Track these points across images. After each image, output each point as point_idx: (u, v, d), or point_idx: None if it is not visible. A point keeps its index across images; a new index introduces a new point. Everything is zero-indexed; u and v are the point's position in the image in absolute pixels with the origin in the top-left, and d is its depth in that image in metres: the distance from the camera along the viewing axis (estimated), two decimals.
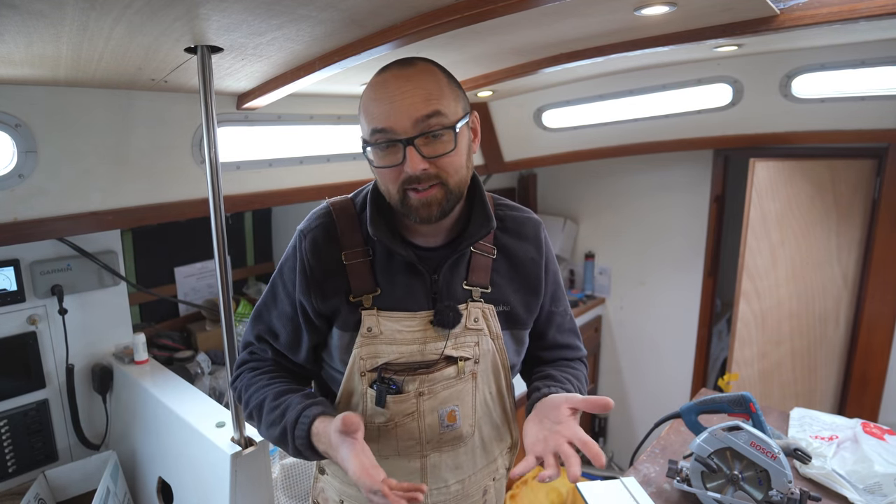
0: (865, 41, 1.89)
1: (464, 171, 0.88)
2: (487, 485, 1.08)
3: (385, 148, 0.84)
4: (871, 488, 1.18)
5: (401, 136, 0.81)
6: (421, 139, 0.81)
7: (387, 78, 0.84)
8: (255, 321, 1.03)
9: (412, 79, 0.83)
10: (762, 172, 2.22)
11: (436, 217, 0.86)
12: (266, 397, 0.93)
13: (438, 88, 0.84)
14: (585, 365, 1.14)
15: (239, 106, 1.63)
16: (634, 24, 1.31)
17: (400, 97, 0.81)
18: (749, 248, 2.28)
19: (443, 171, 0.84)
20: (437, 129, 0.82)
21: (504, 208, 1.04)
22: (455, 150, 0.84)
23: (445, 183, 0.85)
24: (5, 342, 1.56)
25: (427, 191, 0.84)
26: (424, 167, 0.82)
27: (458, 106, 0.86)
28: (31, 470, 1.63)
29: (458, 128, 0.84)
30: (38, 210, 1.37)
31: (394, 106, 0.81)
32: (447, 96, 0.84)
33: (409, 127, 0.81)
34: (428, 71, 0.85)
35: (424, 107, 0.81)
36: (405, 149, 0.81)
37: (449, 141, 0.83)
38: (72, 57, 1.08)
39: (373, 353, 0.93)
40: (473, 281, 0.96)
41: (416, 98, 0.81)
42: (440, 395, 0.95)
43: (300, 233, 0.98)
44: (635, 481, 1.24)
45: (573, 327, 1.13)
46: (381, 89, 0.84)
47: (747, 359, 2.39)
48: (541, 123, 2.59)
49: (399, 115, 0.81)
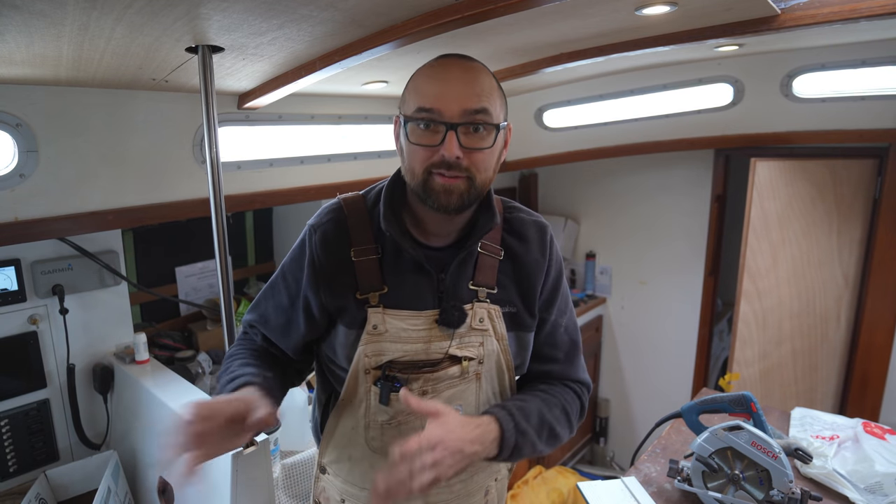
0: (866, 41, 1.89)
1: (490, 172, 0.90)
2: (489, 485, 1.08)
3: (426, 127, 0.85)
4: (872, 488, 1.18)
5: (446, 120, 0.83)
6: (463, 128, 0.84)
7: (447, 63, 0.87)
8: (254, 308, 1.06)
9: (471, 71, 0.86)
10: (763, 172, 2.22)
11: (454, 206, 0.86)
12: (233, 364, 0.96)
13: (491, 89, 0.87)
14: (578, 394, 1.04)
15: (240, 106, 1.63)
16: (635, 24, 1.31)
17: (455, 84, 0.84)
18: (750, 248, 2.27)
19: (473, 166, 0.85)
20: (481, 122, 0.84)
21: (513, 210, 1.03)
22: (491, 149, 0.87)
23: (472, 177, 0.86)
24: (6, 342, 1.56)
25: (453, 179, 0.85)
26: (460, 155, 0.84)
27: (502, 112, 0.90)
28: (31, 470, 1.63)
29: (503, 127, 0.88)
30: (39, 210, 1.37)
31: (448, 89, 0.84)
32: (496, 100, 0.88)
33: (457, 114, 0.83)
34: (485, 72, 0.89)
35: (476, 101, 0.84)
36: (447, 132, 0.83)
37: (489, 137, 0.86)
38: (73, 57, 1.08)
39: (377, 350, 0.93)
40: (480, 281, 0.96)
41: (470, 90, 0.84)
42: (444, 394, 0.95)
43: (310, 227, 0.98)
44: (636, 481, 1.24)
45: (568, 344, 1.05)
46: (440, 70, 0.86)
47: (748, 358, 2.39)
48: (541, 123, 2.59)
49: (450, 100, 0.83)
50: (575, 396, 1.04)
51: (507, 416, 0.90)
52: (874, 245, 2.35)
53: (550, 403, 0.98)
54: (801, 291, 2.40)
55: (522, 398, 0.98)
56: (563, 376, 1.05)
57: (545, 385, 1.03)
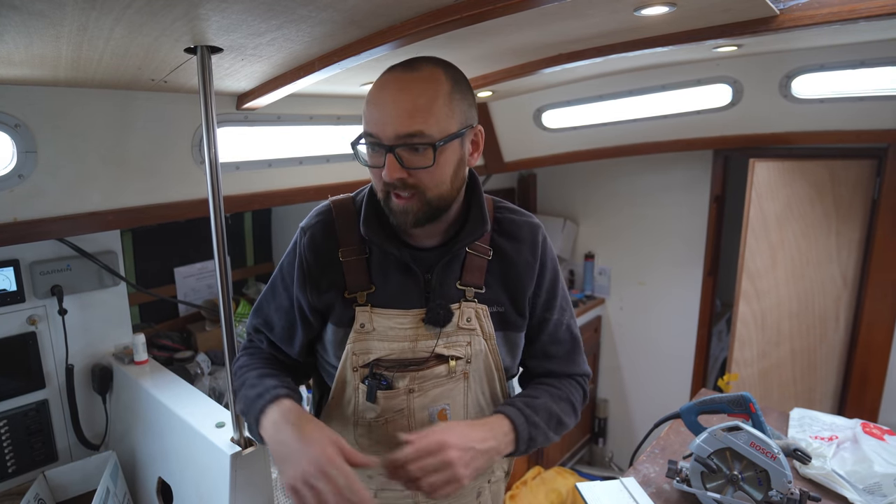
0: (865, 41, 1.89)
1: (446, 186, 0.88)
2: (482, 487, 1.08)
3: (373, 150, 0.86)
4: (871, 488, 1.18)
5: (384, 143, 0.83)
6: (402, 149, 0.83)
7: (386, 81, 0.86)
8: (255, 313, 1.07)
9: (407, 87, 0.83)
10: (762, 173, 2.22)
11: (410, 225, 0.87)
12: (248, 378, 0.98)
13: (430, 102, 0.83)
14: (581, 385, 1.08)
15: (239, 106, 1.63)
16: (634, 25, 1.31)
17: (390, 106, 0.83)
18: (749, 249, 2.28)
19: (420, 184, 0.85)
20: (417, 143, 0.82)
21: (503, 211, 1.04)
22: (434, 166, 0.84)
23: (423, 195, 0.86)
24: (5, 342, 1.56)
25: (405, 199, 0.86)
26: (401, 176, 0.83)
27: (451, 121, 0.85)
28: (30, 470, 1.62)
29: (441, 145, 0.83)
30: (38, 210, 1.37)
31: (383, 114, 0.83)
32: (438, 112, 0.83)
33: (392, 137, 0.83)
34: (429, 80, 0.84)
35: (408, 124, 0.82)
36: (386, 155, 0.83)
37: (428, 157, 0.83)
38: (72, 57, 1.08)
39: (365, 348, 0.95)
40: (467, 281, 0.97)
41: (403, 112, 0.82)
42: (430, 392, 0.96)
43: (301, 229, 1.00)
44: (635, 481, 1.24)
45: (570, 341, 1.07)
46: (378, 93, 0.86)
47: (747, 359, 2.39)
48: (541, 124, 2.59)
49: (385, 125, 0.83)
50: (578, 386, 1.07)
51: (516, 411, 0.93)
52: (873, 245, 2.36)
53: (556, 396, 1.01)
54: (799, 292, 2.40)
55: (528, 394, 1.01)
56: (566, 372, 1.07)
57: (549, 380, 1.05)
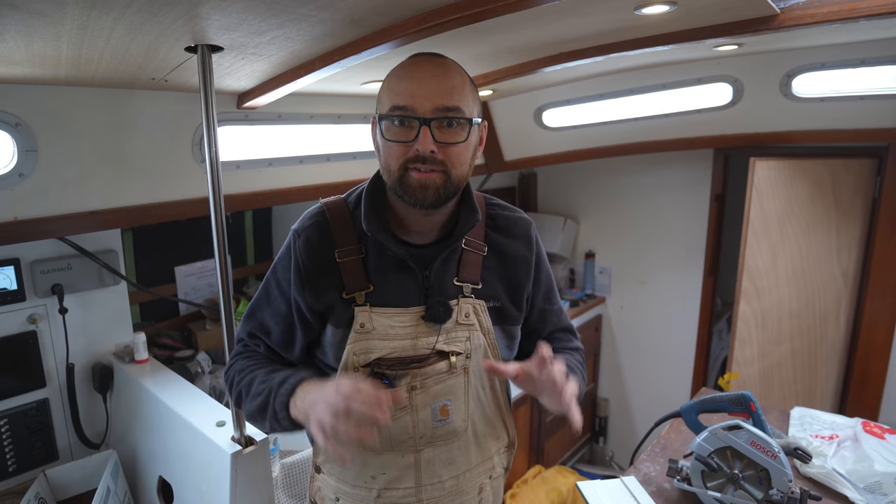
0: (865, 40, 1.89)
1: (466, 167, 0.91)
2: (483, 482, 1.08)
3: (401, 124, 0.87)
4: (872, 487, 1.19)
5: (419, 116, 0.85)
6: (436, 123, 0.85)
7: (419, 61, 0.89)
8: (248, 318, 1.05)
9: (442, 68, 0.88)
10: (762, 172, 2.22)
11: (430, 201, 0.88)
12: (258, 375, 0.96)
13: (462, 86, 0.89)
14: (583, 357, 1.16)
15: (239, 105, 1.63)
16: (634, 24, 1.31)
17: (428, 81, 0.86)
18: (749, 248, 2.27)
19: (448, 160, 0.87)
20: (454, 117, 0.86)
21: (496, 207, 1.06)
22: (466, 143, 0.88)
23: (448, 171, 0.87)
24: (5, 341, 1.56)
25: (429, 173, 0.86)
26: (434, 149, 0.85)
27: (475, 107, 0.92)
28: (31, 469, 1.63)
29: (476, 122, 0.90)
30: (39, 209, 1.37)
31: (420, 87, 0.86)
32: (469, 96, 0.89)
33: (430, 110, 0.85)
34: (457, 69, 0.91)
35: (448, 97, 0.86)
36: (420, 128, 0.84)
37: (462, 132, 0.88)
38: (72, 56, 1.08)
39: (365, 348, 0.95)
40: (464, 277, 0.98)
41: (442, 87, 0.86)
42: (432, 389, 0.97)
43: (294, 232, 1.00)
44: (635, 480, 1.25)
45: (568, 324, 1.17)
46: (412, 69, 0.88)
47: (747, 358, 2.39)
48: (541, 123, 2.59)
49: (423, 97, 0.85)
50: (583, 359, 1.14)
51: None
52: (873, 244, 2.35)
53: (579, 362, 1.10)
54: (800, 291, 2.40)
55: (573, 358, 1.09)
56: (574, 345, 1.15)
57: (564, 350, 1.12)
